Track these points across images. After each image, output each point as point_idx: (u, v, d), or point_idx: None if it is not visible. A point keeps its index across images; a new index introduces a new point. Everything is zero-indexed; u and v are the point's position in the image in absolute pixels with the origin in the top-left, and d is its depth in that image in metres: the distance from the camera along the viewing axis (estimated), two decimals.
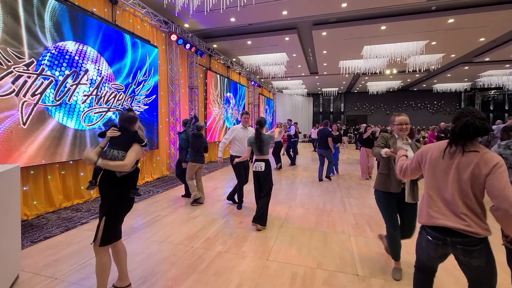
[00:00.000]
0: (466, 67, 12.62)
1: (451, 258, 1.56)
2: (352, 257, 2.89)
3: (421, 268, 1.72)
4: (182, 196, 5.18)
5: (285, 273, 2.57)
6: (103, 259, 2.01)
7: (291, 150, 9.61)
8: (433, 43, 9.18)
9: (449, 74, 14.29)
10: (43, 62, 4.05)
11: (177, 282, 2.40)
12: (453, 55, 10.96)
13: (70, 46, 4.53)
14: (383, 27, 7.86)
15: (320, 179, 6.68)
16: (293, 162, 9.37)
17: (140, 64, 6.15)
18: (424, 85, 18.24)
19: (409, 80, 16.68)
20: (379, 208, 2.58)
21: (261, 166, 3.65)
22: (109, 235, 2.01)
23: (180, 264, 2.71)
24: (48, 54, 4.13)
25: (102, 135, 2.16)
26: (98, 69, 5.04)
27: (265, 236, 3.42)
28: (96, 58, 5.03)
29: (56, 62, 4.25)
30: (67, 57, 4.42)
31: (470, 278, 1.51)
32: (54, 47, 4.21)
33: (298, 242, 3.25)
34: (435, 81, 16.48)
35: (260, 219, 3.59)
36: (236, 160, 3.98)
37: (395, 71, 14.09)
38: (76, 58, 4.59)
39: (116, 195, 2.06)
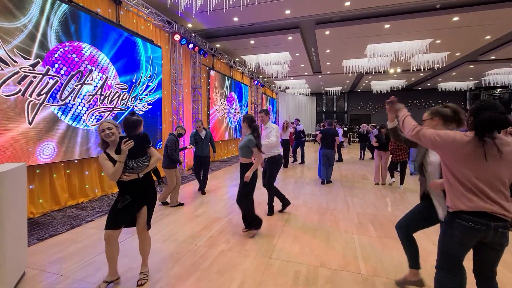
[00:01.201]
0: (472, 66, 12.48)
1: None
2: (355, 256, 2.89)
3: (448, 266, 1.66)
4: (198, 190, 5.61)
5: (288, 271, 2.57)
6: (149, 237, 2.42)
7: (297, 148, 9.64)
8: (438, 41, 9.09)
9: (454, 73, 14.15)
10: (48, 62, 4.10)
11: (180, 280, 2.42)
12: (458, 54, 10.84)
13: (85, 48, 4.69)
14: (387, 26, 7.81)
15: (323, 182, 6.41)
16: (295, 160, 9.45)
17: (143, 64, 6.19)
18: (429, 84, 18.08)
19: (413, 79, 16.54)
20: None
21: None
22: (150, 221, 2.41)
23: (183, 262, 2.73)
24: (55, 55, 4.18)
25: (118, 151, 2.17)
26: (106, 78, 5.12)
27: (268, 234, 3.43)
28: (106, 67, 5.18)
29: (62, 63, 4.30)
30: (75, 59, 4.47)
31: (493, 262, 1.60)
32: (59, 48, 4.26)
33: (301, 240, 3.25)
34: (439, 80, 16.31)
35: (246, 223, 3.47)
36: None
37: (399, 70, 13.98)
38: (83, 60, 4.64)
39: (153, 190, 2.39)
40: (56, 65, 4.22)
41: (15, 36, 3.66)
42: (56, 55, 4.21)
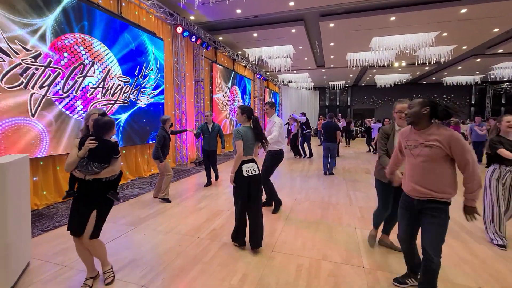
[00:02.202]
0: (478, 59, 12.27)
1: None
2: (357, 249, 2.88)
3: None
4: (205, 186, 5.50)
5: (290, 264, 2.57)
6: (97, 243, 2.18)
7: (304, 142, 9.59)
8: (444, 34, 8.92)
9: (460, 67, 13.92)
10: (50, 54, 4.08)
11: (183, 272, 2.43)
12: (464, 47, 10.65)
13: (95, 43, 4.77)
14: (393, 18, 7.66)
15: (326, 173, 6.64)
16: (305, 154, 9.47)
17: (146, 58, 6.14)
18: (434, 78, 17.83)
19: (418, 73, 16.32)
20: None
21: (254, 169, 2.81)
22: (99, 230, 2.16)
23: (186, 254, 2.74)
24: (57, 47, 4.15)
25: (82, 143, 2.05)
26: (108, 71, 5.09)
27: (270, 228, 3.42)
28: (109, 59, 5.17)
29: (64, 55, 4.27)
30: (77, 51, 4.44)
31: None
32: (62, 40, 4.23)
33: (303, 234, 3.25)
34: (445, 74, 16.08)
35: (259, 240, 2.81)
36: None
37: (404, 64, 13.78)
38: (86, 52, 4.61)
39: (106, 196, 2.16)
40: (58, 57, 4.19)
41: (18, 27, 3.63)
42: (58, 47, 4.18)
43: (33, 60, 3.85)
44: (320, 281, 2.31)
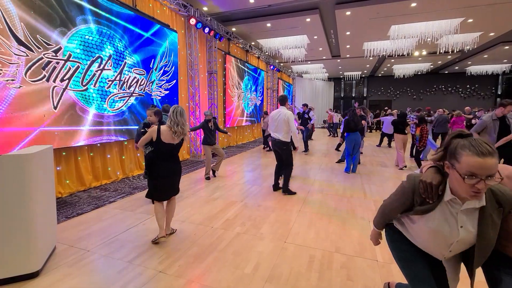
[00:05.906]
0: (507, 47, 11.52)
1: None
2: (371, 242, 2.85)
3: None
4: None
5: (302, 255, 2.60)
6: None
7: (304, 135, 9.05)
8: (470, 20, 8.40)
9: (486, 55, 13.13)
10: (69, 48, 4.21)
11: (198, 259, 2.51)
12: (492, 34, 10.01)
13: (113, 37, 4.72)
14: (413, 4, 7.29)
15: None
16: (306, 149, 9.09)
17: (161, 51, 6.21)
18: (457, 68, 16.96)
19: (439, 62, 15.57)
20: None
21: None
22: None
23: (201, 242, 2.83)
24: (74, 40, 4.27)
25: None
26: (124, 64, 5.19)
27: (283, 219, 3.45)
28: (126, 53, 5.20)
29: (82, 49, 4.40)
30: (95, 45, 4.56)
31: None
32: (80, 32, 4.34)
33: (317, 226, 3.26)
34: (469, 63, 15.25)
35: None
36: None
37: (424, 53, 13.18)
38: (103, 46, 4.72)
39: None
40: (76, 51, 4.32)
41: (41, 23, 3.76)
42: (76, 41, 4.30)
43: (54, 54, 3.99)
44: (333, 272, 2.33)
